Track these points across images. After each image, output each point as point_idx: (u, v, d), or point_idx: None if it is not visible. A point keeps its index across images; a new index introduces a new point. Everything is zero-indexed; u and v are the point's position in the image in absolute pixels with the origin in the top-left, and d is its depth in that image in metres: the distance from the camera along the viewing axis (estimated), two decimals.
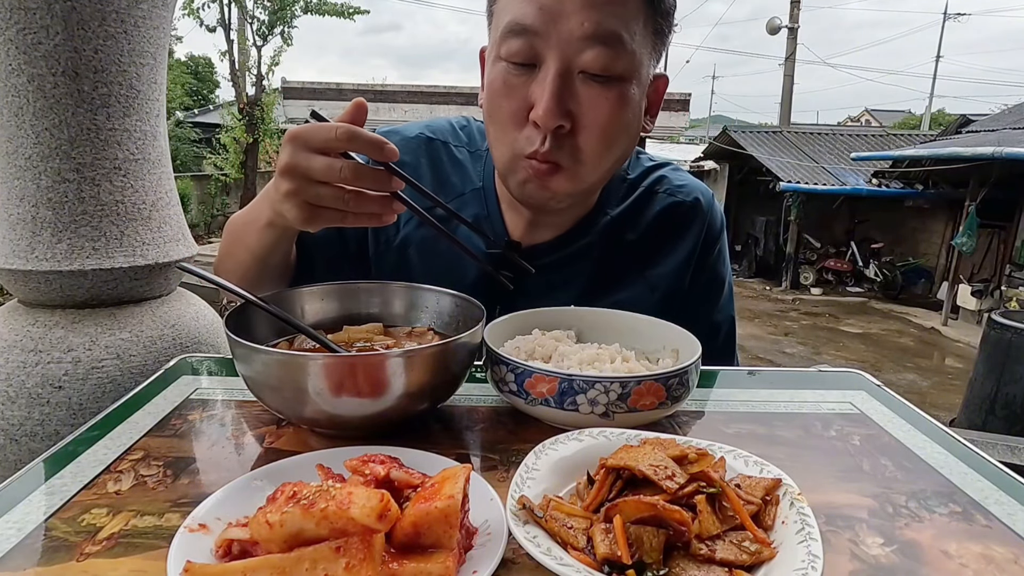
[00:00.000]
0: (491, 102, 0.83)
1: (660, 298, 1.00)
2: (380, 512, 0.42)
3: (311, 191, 0.68)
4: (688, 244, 1.02)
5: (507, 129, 0.82)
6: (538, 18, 0.76)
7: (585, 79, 0.79)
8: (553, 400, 0.67)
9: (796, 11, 17.69)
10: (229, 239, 0.95)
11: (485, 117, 0.87)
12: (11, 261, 1.19)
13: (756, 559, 0.46)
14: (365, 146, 0.66)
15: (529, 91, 0.79)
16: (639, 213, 1.01)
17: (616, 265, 0.99)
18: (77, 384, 1.17)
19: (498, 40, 0.80)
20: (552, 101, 0.77)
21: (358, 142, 0.65)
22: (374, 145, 0.66)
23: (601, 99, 0.79)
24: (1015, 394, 4.83)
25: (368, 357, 0.64)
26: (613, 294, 0.98)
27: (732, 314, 1.11)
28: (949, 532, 0.55)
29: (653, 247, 1.01)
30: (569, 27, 0.76)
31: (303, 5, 12.87)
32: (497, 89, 0.81)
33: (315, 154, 0.66)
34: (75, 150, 1.18)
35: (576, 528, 0.49)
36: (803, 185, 12.08)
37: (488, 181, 1.00)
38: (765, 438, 0.72)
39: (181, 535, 0.47)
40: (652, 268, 1.01)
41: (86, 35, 1.15)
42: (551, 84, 0.77)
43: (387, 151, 0.66)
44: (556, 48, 0.77)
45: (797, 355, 8.59)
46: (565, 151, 0.81)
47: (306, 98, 11.72)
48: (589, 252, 0.98)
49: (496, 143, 0.86)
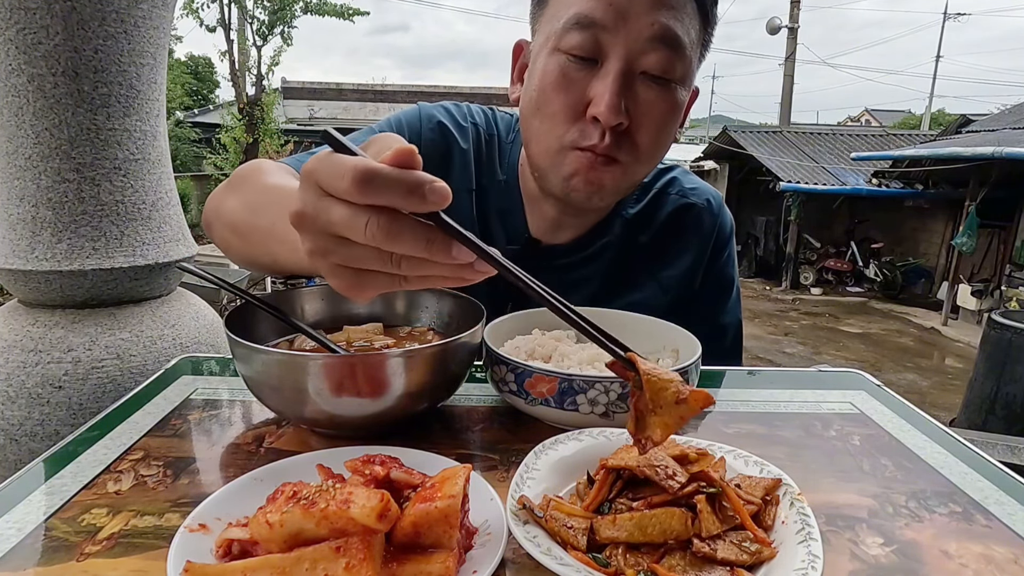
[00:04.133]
0: (543, 94, 0.81)
1: (672, 299, 1.01)
2: (380, 512, 0.42)
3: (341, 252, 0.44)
4: (699, 246, 1.03)
5: (558, 121, 0.81)
6: (608, 14, 0.76)
7: (645, 79, 0.79)
8: (553, 400, 0.67)
9: (796, 11, 17.69)
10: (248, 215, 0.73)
11: (529, 109, 0.85)
12: (11, 261, 1.19)
13: (756, 559, 0.46)
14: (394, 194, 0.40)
15: (588, 86, 0.79)
16: (653, 214, 1.01)
17: (630, 266, 1.00)
18: (77, 384, 1.17)
19: (559, 31, 0.79)
20: (616, 98, 0.77)
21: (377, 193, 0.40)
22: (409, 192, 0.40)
23: (659, 101, 0.80)
24: (1015, 394, 4.83)
25: (368, 357, 0.64)
26: (626, 295, 0.99)
27: (739, 317, 1.11)
28: (949, 532, 0.55)
29: (665, 248, 1.01)
30: (638, 26, 0.76)
31: (303, 5, 12.87)
32: (553, 81, 0.80)
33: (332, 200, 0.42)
34: (75, 150, 1.18)
35: (576, 528, 0.49)
36: (803, 185, 12.07)
37: (512, 175, 0.98)
38: (765, 438, 0.72)
39: (181, 535, 0.47)
40: (664, 269, 1.01)
41: (86, 35, 1.15)
42: (614, 82, 0.77)
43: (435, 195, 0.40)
44: (623, 46, 0.77)
45: (797, 355, 8.58)
46: (620, 147, 0.82)
47: (306, 98, 11.75)
48: (605, 253, 0.99)
49: (541, 135, 0.84)
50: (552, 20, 0.81)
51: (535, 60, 0.84)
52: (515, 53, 0.91)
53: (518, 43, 0.91)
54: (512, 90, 0.91)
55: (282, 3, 12.58)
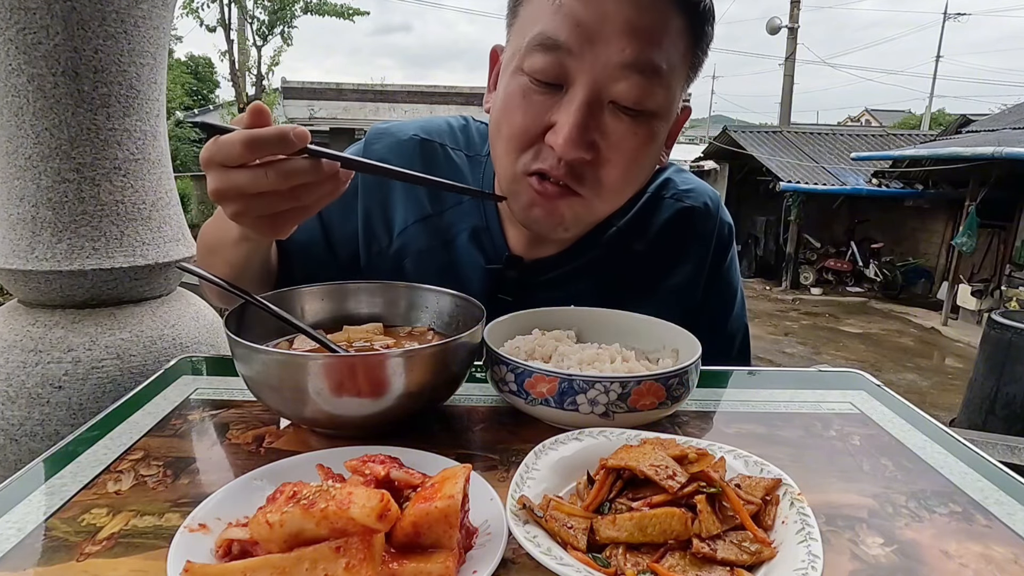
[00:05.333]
0: (503, 115, 0.76)
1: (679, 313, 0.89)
2: (380, 512, 0.42)
3: (255, 205, 0.60)
4: (700, 251, 0.96)
5: (515, 146, 0.76)
6: (574, 36, 0.69)
7: (615, 110, 0.72)
8: (553, 400, 0.67)
9: (796, 11, 17.69)
10: (204, 250, 0.88)
11: (493, 129, 0.80)
12: (11, 261, 1.19)
13: (756, 559, 0.46)
14: (272, 147, 0.57)
15: (550, 113, 0.72)
16: (647, 222, 0.94)
17: (627, 279, 0.93)
18: (77, 384, 1.17)
19: (523, 51, 0.72)
20: (576, 131, 0.70)
21: (261, 147, 0.57)
22: (280, 141, 0.57)
23: (629, 135, 0.73)
24: (1015, 394, 4.83)
25: (368, 357, 0.64)
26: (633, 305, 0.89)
27: (745, 321, 1.07)
28: (949, 532, 0.55)
29: (664, 257, 0.94)
30: (608, 52, 0.69)
31: (303, 5, 12.88)
32: (514, 104, 0.74)
33: (234, 171, 0.58)
34: (75, 150, 1.18)
35: (576, 528, 0.49)
36: (803, 185, 12.08)
37: (489, 186, 0.93)
38: (765, 438, 0.72)
39: (181, 535, 0.47)
40: (666, 280, 0.94)
41: (86, 35, 1.15)
42: (577, 112, 0.70)
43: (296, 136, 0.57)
44: (589, 73, 0.70)
45: (797, 355, 8.58)
46: (581, 179, 0.76)
47: (306, 98, 11.74)
48: (596, 267, 0.92)
49: (500, 158, 0.80)
50: (520, 34, 0.74)
51: (502, 76, 0.78)
52: (491, 60, 0.85)
53: (493, 49, 0.85)
54: (486, 99, 0.85)
55: (282, 3, 12.59)
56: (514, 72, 0.74)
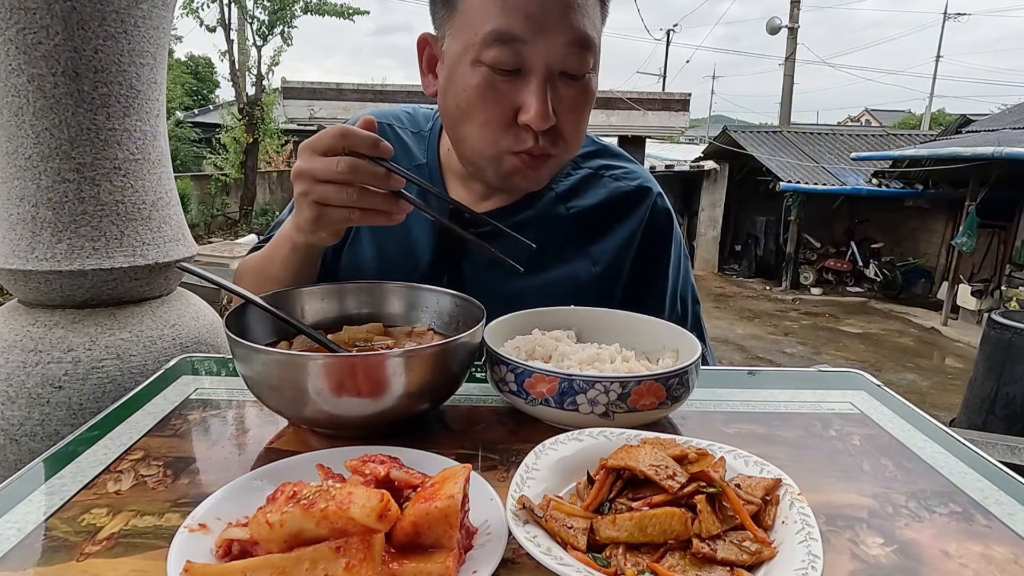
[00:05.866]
0: (472, 105, 0.85)
1: (601, 272, 1.02)
2: (380, 512, 0.42)
3: (317, 190, 0.74)
4: (629, 228, 1.04)
5: (490, 129, 0.86)
6: (525, 28, 0.80)
7: (564, 79, 0.85)
8: (553, 400, 0.67)
9: (796, 11, 17.69)
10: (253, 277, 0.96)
11: (454, 114, 0.89)
12: (11, 261, 1.19)
13: (756, 559, 0.46)
14: (359, 143, 0.72)
15: (516, 95, 0.84)
16: (583, 192, 1.05)
17: (559, 239, 1.01)
18: (77, 384, 1.17)
19: (478, 44, 0.82)
20: (543, 106, 0.82)
21: (351, 139, 0.72)
22: (368, 142, 0.72)
23: (579, 94, 0.87)
24: (1015, 394, 4.83)
25: (368, 357, 0.64)
26: (554, 267, 1.00)
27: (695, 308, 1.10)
28: (949, 532, 0.55)
29: (595, 225, 1.03)
30: (554, 35, 0.81)
31: (303, 5, 12.87)
32: (480, 93, 0.84)
33: (319, 156, 0.73)
34: (75, 150, 1.18)
35: (576, 528, 0.49)
36: (803, 185, 12.07)
37: (432, 159, 1.06)
38: (765, 438, 0.72)
39: (181, 535, 0.47)
40: (593, 244, 1.03)
41: (86, 35, 1.15)
42: (539, 91, 0.82)
43: (381, 148, 0.73)
44: (542, 56, 0.82)
45: (797, 355, 8.58)
46: (553, 142, 0.88)
47: (306, 98, 11.72)
48: (533, 224, 1.01)
49: (472, 141, 0.89)
50: (467, 29, 0.83)
51: (454, 67, 0.86)
52: (420, 47, 0.95)
53: (422, 38, 0.94)
54: (426, 83, 0.95)
55: (282, 3, 12.58)
56: (472, 64, 0.84)
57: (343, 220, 0.77)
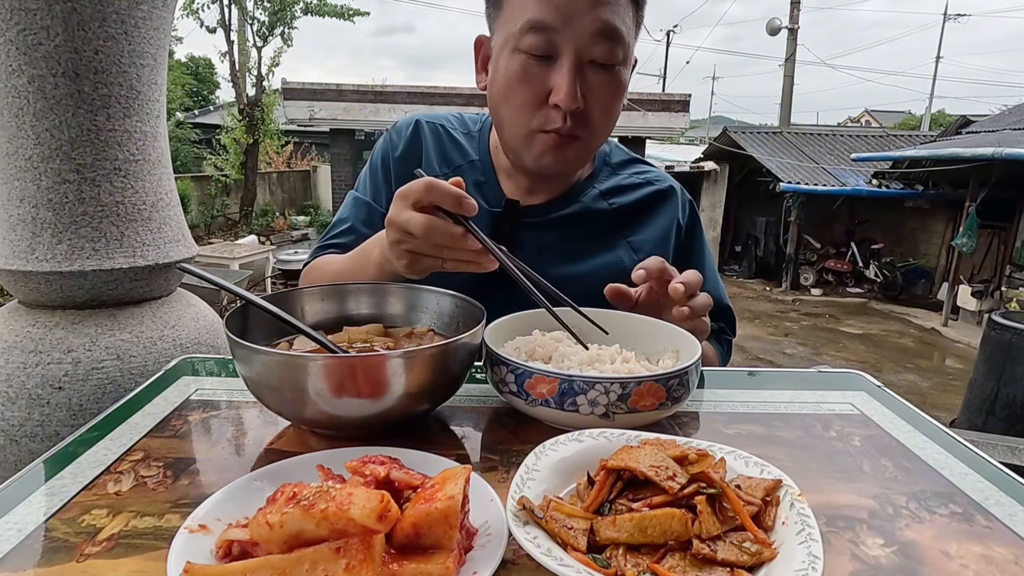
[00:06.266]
0: (509, 87, 0.94)
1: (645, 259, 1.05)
2: (380, 513, 0.42)
3: (408, 242, 0.76)
4: (667, 219, 1.14)
5: (525, 111, 0.94)
6: (556, 17, 0.88)
7: (593, 67, 0.92)
8: (553, 401, 0.67)
9: (796, 12, 17.70)
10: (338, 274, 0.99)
11: (498, 99, 0.97)
12: (11, 262, 1.19)
13: (757, 560, 0.46)
14: (443, 198, 0.72)
15: (548, 79, 0.91)
16: (623, 191, 1.15)
17: (603, 230, 1.11)
18: (77, 385, 1.17)
19: (516, 34, 0.90)
20: (572, 88, 0.90)
21: (435, 194, 0.72)
22: (452, 198, 0.72)
23: (607, 83, 0.93)
24: (1015, 395, 4.83)
25: (368, 358, 0.64)
26: (599, 255, 1.09)
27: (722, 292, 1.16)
28: (949, 533, 0.55)
29: (634, 219, 1.13)
30: (583, 24, 0.88)
31: (303, 6, 12.88)
32: (516, 76, 0.92)
33: (408, 208, 0.74)
34: (75, 151, 1.18)
35: (576, 529, 0.49)
36: (803, 186, 12.07)
37: (484, 155, 1.13)
38: (765, 439, 0.72)
39: (181, 536, 0.47)
40: (634, 236, 1.12)
41: (86, 36, 1.15)
42: (569, 74, 0.89)
43: (464, 206, 0.72)
44: (572, 43, 0.89)
45: (797, 356, 8.58)
46: (580, 125, 0.94)
47: (306, 99, 11.73)
48: (578, 218, 1.10)
49: (510, 123, 0.97)
50: (509, 23, 0.93)
51: (498, 57, 0.96)
52: (476, 47, 1.04)
53: (478, 39, 1.04)
54: (479, 79, 1.04)
55: (282, 4, 12.58)
56: (511, 52, 0.92)
57: (433, 267, 0.79)
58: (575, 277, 1.01)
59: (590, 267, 1.07)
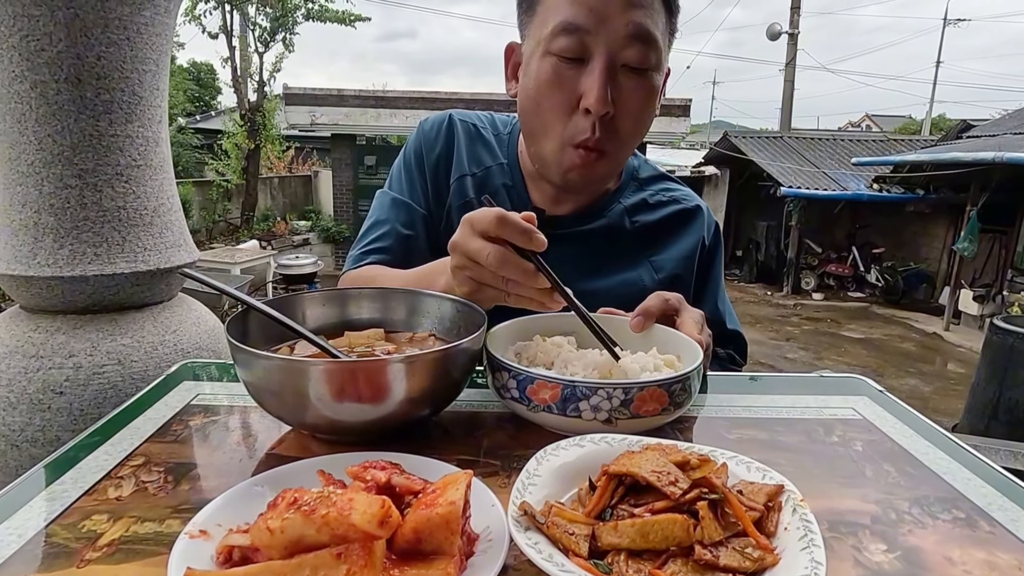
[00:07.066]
0: (540, 91, 0.92)
1: (665, 278, 1.08)
2: (381, 518, 0.42)
3: (473, 271, 0.73)
4: (692, 240, 1.12)
5: (556, 118, 0.92)
6: (589, 19, 0.86)
7: (625, 71, 0.90)
8: (556, 407, 0.67)
9: (796, 17, 17.74)
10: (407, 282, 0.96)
11: (528, 105, 0.94)
12: (13, 267, 1.19)
13: (759, 565, 0.46)
14: (513, 233, 0.69)
15: (579, 83, 0.89)
16: (648, 208, 1.13)
17: (626, 247, 1.10)
18: (78, 390, 1.17)
19: (548, 37, 0.89)
20: (603, 91, 0.87)
21: (506, 228, 0.69)
22: (522, 233, 0.69)
23: (639, 88, 0.91)
24: (1017, 399, 4.82)
25: (369, 363, 0.64)
26: (622, 272, 1.08)
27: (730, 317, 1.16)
28: (952, 538, 0.55)
29: (659, 238, 1.11)
30: (616, 27, 0.87)
31: (305, 12, 12.93)
32: (547, 80, 0.90)
33: (476, 236, 0.71)
34: (77, 156, 1.19)
35: (578, 534, 0.48)
36: (804, 190, 12.07)
37: (512, 158, 1.12)
38: (767, 444, 0.71)
39: (182, 541, 0.47)
40: (655, 256, 1.11)
41: (89, 42, 1.15)
42: (600, 76, 0.87)
43: (535, 241, 0.69)
44: (604, 45, 0.87)
45: (799, 360, 8.57)
46: (609, 137, 0.92)
47: (307, 104, 11.75)
48: (604, 232, 1.09)
49: (542, 134, 0.95)
50: (541, 27, 0.91)
51: (528, 62, 0.94)
52: (507, 54, 1.02)
53: (509, 45, 1.02)
54: (509, 87, 1.02)
55: (284, 10, 12.63)
56: (542, 55, 0.91)
57: (496, 300, 0.76)
58: (594, 292, 0.97)
59: (609, 284, 1.05)
